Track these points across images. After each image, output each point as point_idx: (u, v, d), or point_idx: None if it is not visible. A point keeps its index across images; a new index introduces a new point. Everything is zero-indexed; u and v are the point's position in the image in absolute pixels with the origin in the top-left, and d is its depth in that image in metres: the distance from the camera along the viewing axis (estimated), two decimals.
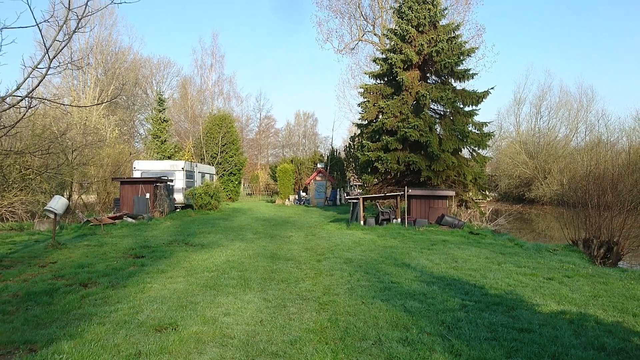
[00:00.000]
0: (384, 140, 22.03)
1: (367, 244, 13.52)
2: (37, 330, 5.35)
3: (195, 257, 10.55)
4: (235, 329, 5.59)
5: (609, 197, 12.40)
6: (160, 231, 16.10)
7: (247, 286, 7.87)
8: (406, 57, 22.01)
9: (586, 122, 51.52)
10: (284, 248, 12.75)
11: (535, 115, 54.03)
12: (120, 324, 5.60)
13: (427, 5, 22.65)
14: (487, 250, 12.28)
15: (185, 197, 25.66)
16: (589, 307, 6.69)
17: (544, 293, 7.48)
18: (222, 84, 54.56)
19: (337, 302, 6.94)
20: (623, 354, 4.83)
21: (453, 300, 6.93)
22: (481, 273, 9.16)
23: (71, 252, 11.08)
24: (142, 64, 57.17)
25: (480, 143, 22.44)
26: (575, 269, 9.67)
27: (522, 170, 47.63)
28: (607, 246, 12.41)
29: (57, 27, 8.68)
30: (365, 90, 24.23)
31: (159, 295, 7.01)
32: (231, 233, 15.78)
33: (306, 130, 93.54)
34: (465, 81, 22.98)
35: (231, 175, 37.32)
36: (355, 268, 9.65)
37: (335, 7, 42.58)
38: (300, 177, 39.62)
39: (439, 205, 19.02)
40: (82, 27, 8.87)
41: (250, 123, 77.04)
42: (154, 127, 35.91)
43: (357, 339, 5.35)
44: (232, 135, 37.76)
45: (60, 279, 8.11)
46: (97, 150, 25.27)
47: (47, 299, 6.73)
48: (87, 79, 45.20)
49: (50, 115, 22.91)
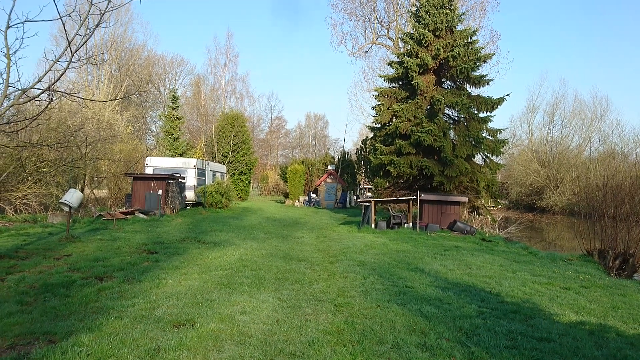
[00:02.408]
0: (397, 144, 21.94)
1: (379, 247, 13.45)
2: (55, 322, 5.36)
3: (208, 255, 10.55)
4: (253, 327, 5.56)
5: (626, 208, 12.24)
6: (172, 228, 16.14)
7: (262, 285, 7.85)
8: (422, 61, 21.93)
9: (600, 132, 51.07)
10: (296, 249, 12.72)
11: (548, 123, 53.65)
12: (138, 318, 5.60)
13: (445, 10, 22.55)
14: (501, 258, 12.17)
15: (196, 194, 25.72)
16: (609, 318, 6.59)
17: (562, 303, 7.39)
18: (235, 83, 54.66)
19: (352, 304, 6.90)
20: None
21: (470, 307, 6.86)
22: (496, 280, 9.07)
23: (85, 246, 11.13)
24: (156, 61, 57.54)
25: (495, 150, 22.28)
26: (592, 280, 9.55)
27: (533, 178, 47.23)
28: (623, 258, 12.26)
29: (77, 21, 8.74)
30: (380, 94, 24.16)
31: (174, 292, 7.01)
32: (243, 232, 15.79)
33: (316, 132, 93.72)
34: (480, 87, 22.82)
35: (242, 174, 37.41)
36: (369, 271, 9.59)
37: (350, 10, 42.57)
38: (310, 179, 39.60)
39: (451, 211, 18.91)
40: (104, 22, 8.95)
41: (261, 123, 77.38)
42: (167, 124, 36.08)
43: (375, 342, 5.30)
44: (244, 135, 37.87)
45: (76, 271, 8.14)
46: (110, 146, 25.42)
47: (64, 291, 6.75)
48: (101, 75, 45.49)
49: (66, 109, 23.06)
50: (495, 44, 39.92)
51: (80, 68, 41.32)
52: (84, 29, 8.79)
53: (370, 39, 42.88)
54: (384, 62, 41.86)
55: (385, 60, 41.30)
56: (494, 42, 39.01)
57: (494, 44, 40.52)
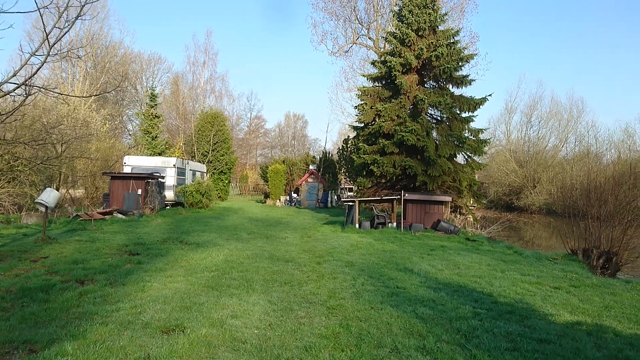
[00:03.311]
0: (381, 144, 21.86)
1: (365, 247, 13.32)
2: (36, 329, 5.04)
3: (193, 256, 10.25)
4: (246, 332, 5.34)
5: (609, 207, 12.35)
6: (152, 228, 15.73)
7: (250, 287, 7.61)
8: (405, 60, 21.90)
9: (576, 133, 51.96)
10: (281, 249, 12.50)
11: (525, 124, 54.38)
12: (124, 324, 5.32)
13: (428, 10, 22.57)
14: (488, 257, 12.15)
15: (176, 194, 25.22)
16: (603, 318, 6.55)
17: (555, 303, 7.34)
18: (214, 82, 53.99)
19: (345, 306, 6.72)
20: None
21: (464, 308, 6.75)
22: (486, 280, 9.00)
23: (62, 247, 10.71)
24: (133, 59, 56.38)
25: (477, 150, 22.39)
26: (580, 279, 9.57)
27: (512, 178, 47.83)
28: (607, 256, 12.36)
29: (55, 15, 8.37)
30: (363, 93, 24.05)
31: (160, 295, 6.73)
32: (225, 232, 15.48)
33: (296, 131, 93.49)
34: (462, 87, 22.91)
35: (221, 174, 36.93)
36: (358, 272, 9.43)
37: (331, 10, 42.36)
38: (292, 178, 39.32)
39: (435, 211, 18.90)
40: (83, 14, 8.57)
41: (240, 122, 76.71)
42: (145, 123, 35.37)
43: (372, 346, 5.14)
44: (224, 134, 37.38)
45: (54, 274, 7.78)
46: (87, 144, 24.71)
47: (43, 295, 6.41)
48: (75, 72, 44.37)
49: (41, 106, 22.32)
50: (474, 45, 40.08)
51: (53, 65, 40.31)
52: (63, 21, 8.43)
53: (351, 39, 42.79)
54: (364, 61, 41.88)
55: (366, 60, 41.39)
56: (473, 43, 39.14)
57: (473, 45, 40.78)
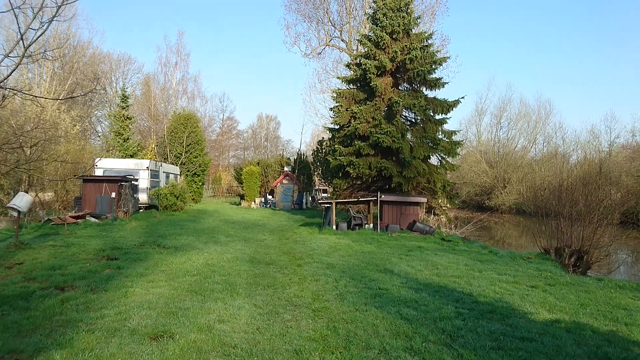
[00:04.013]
0: (357, 145, 22.02)
1: (344, 249, 13.40)
2: (20, 338, 4.92)
3: (172, 260, 10.14)
4: (234, 337, 5.33)
5: (580, 207, 12.75)
6: (127, 232, 15.47)
7: (234, 291, 7.59)
8: (380, 63, 22.11)
9: (544, 134, 53.44)
10: (261, 252, 12.48)
11: (495, 125, 55.66)
12: (111, 331, 5.24)
13: (402, 14, 22.84)
14: (464, 257, 12.38)
15: (149, 197, 24.85)
16: (580, 316, 6.78)
17: (533, 301, 7.56)
18: (186, 83, 53.43)
19: (330, 309, 6.77)
20: None
21: (447, 308, 6.88)
22: (465, 280, 9.19)
23: (37, 253, 10.44)
24: (102, 59, 55.22)
25: (450, 151, 22.77)
26: (555, 277, 9.85)
27: (483, 179, 48.77)
28: (578, 255, 12.77)
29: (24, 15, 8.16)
30: (338, 95, 24.18)
31: (144, 301, 6.64)
32: (203, 235, 15.35)
33: (268, 133, 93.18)
34: (436, 90, 23.29)
35: (195, 176, 36.53)
36: (339, 274, 9.50)
37: (304, 11, 42.44)
38: (267, 180, 39.17)
39: (411, 212, 19.15)
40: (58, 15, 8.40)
41: (213, 124, 76.01)
42: (117, 124, 34.71)
43: (361, 348, 5.20)
44: (197, 136, 36.98)
45: (32, 281, 7.59)
46: (56, 146, 24.09)
47: (24, 303, 6.25)
48: (42, 73, 43.23)
49: (8, 108, 21.67)
50: (445, 48, 40.73)
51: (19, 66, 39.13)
52: (38, 22, 8.25)
53: (324, 41, 42.96)
54: (337, 63, 42.04)
55: (339, 61, 41.55)
56: (444, 45, 39.70)
57: (444, 48, 41.45)
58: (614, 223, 13.88)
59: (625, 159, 38.48)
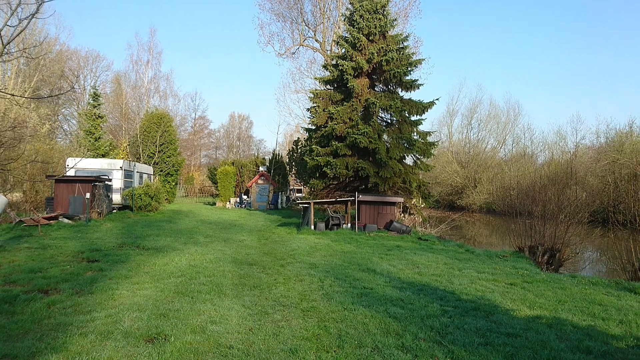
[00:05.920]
0: (334, 146, 22.18)
1: (324, 249, 13.51)
2: (12, 343, 4.84)
3: (155, 262, 10.05)
4: (229, 337, 5.36)
5: (553, 207, 13.19)
6: (103, 233, 15.22)
7: (222, 292, 7.60)
8: (357, 64, 22.32)
9: (513, 135, 54.81)
10: (242, 252, 12.48)
11: (466, 126, 56.85)
12: (104, 334, 5.20)
13: (378, 15, 23.11)
14: (443, 256, 12.65)
15: (123, 197, 24.44)
16: (559, 311, 7.05)
17: (513, 298, 7.81)
18: (158, 81, 52.62)
19: (318, 308, 6.86)
20: (609, 357, 5.12)
21: (433, 306, 7.06)
22: (446, 279, 9.42)
23: (13, 256, 10.19)
24: (69, 56, 53.92)
25: (425, 152, 23.17)
26: (531, 275, 10.19)
27: (454, 179, 49.67)
28: (550, 253, 13.20)
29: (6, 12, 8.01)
30: (315, 95, 24.30)
31: (133, 303, 6.59)
32: (181, 236, 15.22)
33: (241, 132, 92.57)
34: (412, 91, 23.64)
35: (168, 175, 36.03)
36: (323, 273, 9.60)
37: (278, 11, 42.34)
38: (241, 180, 38.98)
39: (388, 212, 19.41)
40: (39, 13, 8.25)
41: (185, 123, 75.14)
42: (87, 123, 33.94)
43: (354, 346, 5.30)
44: (170, 135, 36.47)
45: (13, 284, 7.43)
46: (25, 145, 23.44)
47: (8, 307, 6.13)
48: (6, 69, 41.96)
49: None
50: (418, 49, 41.30)
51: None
52: (15, 19, 8.08)
53: (298, 41, 42.95)
54: (311, 63, 42.17)
55: (313, 62, 41.68)
56: (417, 47, 40.42)
57: (417, 49, 42.08)
58: (583, 222, 14.43)
59: (590, 160, 39.75)
